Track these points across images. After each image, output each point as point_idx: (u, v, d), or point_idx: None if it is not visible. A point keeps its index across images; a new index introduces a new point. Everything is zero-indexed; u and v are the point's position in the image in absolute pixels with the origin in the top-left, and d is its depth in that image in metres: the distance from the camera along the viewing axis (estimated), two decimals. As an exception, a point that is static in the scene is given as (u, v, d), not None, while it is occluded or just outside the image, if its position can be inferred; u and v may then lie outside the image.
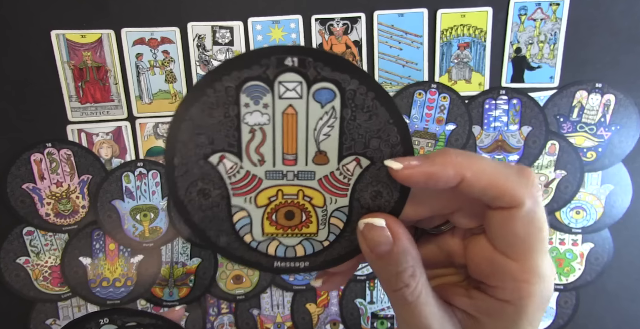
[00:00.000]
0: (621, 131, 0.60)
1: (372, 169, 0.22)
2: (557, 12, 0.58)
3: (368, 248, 0.21)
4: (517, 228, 0.20)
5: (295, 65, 0.20)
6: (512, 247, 0.21)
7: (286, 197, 0.23)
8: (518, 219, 0.20)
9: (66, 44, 0.57)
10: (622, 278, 0.62)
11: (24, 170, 0.57)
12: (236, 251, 0.23)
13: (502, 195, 0.20)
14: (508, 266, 0.21)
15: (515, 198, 0.20)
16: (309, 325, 0.63)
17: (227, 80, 0.21)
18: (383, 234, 0.21)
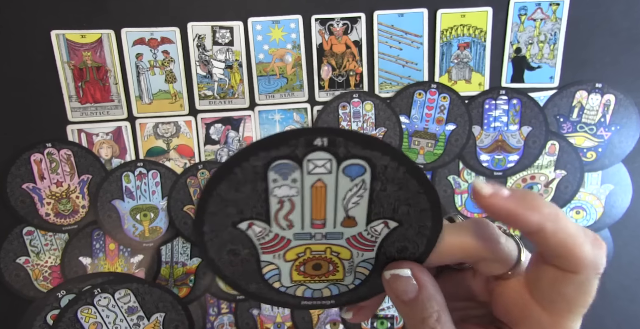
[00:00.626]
0: (621, 131, 0.60)
1: (400, 229, 0.23)
2: (557, 12, 0.58)
3: (393, 297, 0.22)
4: (567, 291, 0.20)
5: (325, 145, 0.20)
6: (552, 303, 0.21)
7: (314, 253, 0.24)
8: (572, 283, 0.20)
9: (66, 44, 0.57)
10: (622, 278, 0.62)
11: (24, 170, 0.57)
12: (265, 294, 0.25)
13: (570, 259, 0.20)
14: (541, 318, 0.21)
15: (576, 266, 0.20)
16: (309, 325, 0.63)
17: (254, 160, 0.21)
18: (409, 282, 0.21)
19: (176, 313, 0.36)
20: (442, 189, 0.62)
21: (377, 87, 0.60)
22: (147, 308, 0.32)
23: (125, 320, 0.30)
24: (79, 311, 0.29)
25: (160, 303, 0.33)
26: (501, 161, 0.61)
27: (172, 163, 0.60)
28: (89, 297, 0.27)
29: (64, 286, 0.32)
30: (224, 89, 0.59)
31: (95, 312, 0.30)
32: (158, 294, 0.34)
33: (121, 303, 0.29)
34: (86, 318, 0.29)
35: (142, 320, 0.30)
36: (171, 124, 0.59)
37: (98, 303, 0.29)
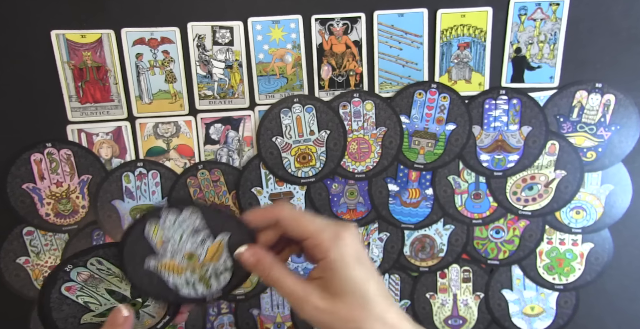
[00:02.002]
0: (621, 131, 0.60)
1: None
2: (557, 12, 0.58)
3: (245, 264, 0.39)
4: (327, 270, 0.36)
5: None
6: (301, 236, 0.38)
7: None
8: (326, 264, 0.36)
9: (66, 44, 0.57)
10: (622, 278, 0.62)
11: (24, 170, 0.57)
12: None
13: (315, 247, 0.37)
14: (307, 244, 0.38)
15: (320, 253, 0.37)
16: (309, 325, 0.63)
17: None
18: (248, 254, 0.38)
19: None
20: (442, 189, 0.62)
21: (377, 87, 0.60)
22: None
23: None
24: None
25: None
26: (501, 161, 0.61)
27: (172, 163, 0.60)
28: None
29: (70, 261, 0.37)
30: (224, 89, 0.59)
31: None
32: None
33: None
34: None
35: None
36: (171, 124, 0.59)
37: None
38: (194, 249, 0.39)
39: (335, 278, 0.35)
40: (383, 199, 0.62)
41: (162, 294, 0.39)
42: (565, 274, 0.62)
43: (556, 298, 0.63)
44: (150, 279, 0.38)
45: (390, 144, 0.61)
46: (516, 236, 0.62)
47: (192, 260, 0.39)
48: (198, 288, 0.39)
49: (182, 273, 0.39)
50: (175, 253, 0.39)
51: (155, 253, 0.38)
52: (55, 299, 0.38)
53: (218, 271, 0.40)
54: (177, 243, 0.39)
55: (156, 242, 0.38)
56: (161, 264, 0.39)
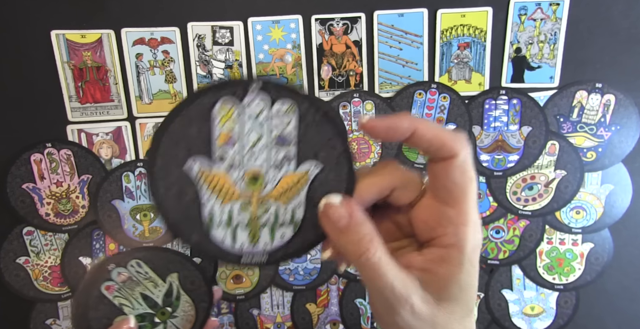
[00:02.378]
0: (621, 131, 0.60)
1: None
2: (557, 12, 0.58)
3: (330, 225, 0.26)
4: (455, 175, 0.25)
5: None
6: (450, 193, 0.26)
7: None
8: (455, 167, 0.25)
9: (66, 44, 0.57)
10: (622, 278, 0.62)
11: (24, 170, 0.57)
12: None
13: (444, 145, 0.25)
14: (448, 212, 0.26)
15: (453, 149, 0.25)
16: (309, 325, 0.63)
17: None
18: (341, 209, 0.25)
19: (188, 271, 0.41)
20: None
21: (377, 87, 0.60)
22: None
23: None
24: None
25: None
26: (501, 161, 0.61)
27: (172, 163, 0.60)
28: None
29: (112, 260, 0.36)
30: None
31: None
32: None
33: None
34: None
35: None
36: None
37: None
38: (265, 170, 0.26)
39: (451, 277, 0.25)
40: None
41: (184, 224, 0.26)
42: (565, 274, 0.62)
43: (556, 298, 0.63)
44: (179, 190, 0.26)
45: (390, 144, 0.61)
46: (516, 236, 0.62)
47: (253, 186, 0.26)
48: (239, 236, 0.27)
49: (229, 202, 0.26)
50: (237, 164, 0.26)
51: (206, 153, 0.26)
52: (95, 298, 0.36)
53: (279, 221, 0.27)
54: (247, 149, 0.26)
55: (219, 134, 0.25)
56: (207, 173, 0.26)
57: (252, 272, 0.62)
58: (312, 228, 0.27)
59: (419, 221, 0.28)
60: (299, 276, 0.62)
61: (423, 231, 0.27)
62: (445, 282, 0.25)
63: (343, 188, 0.26)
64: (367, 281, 0.25)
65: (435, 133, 0.25)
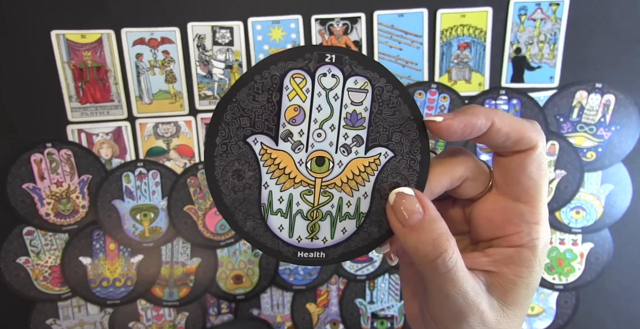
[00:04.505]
0: (621, 131, 0.60)
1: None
2: (557, 12, 0.58)
3: (400, 221, 0.23)
4: (532, 169, 0.23)
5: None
6: (525, 189, 0.23)
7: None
8: (533, 160, 0.23)
9: (66, 44, 0.57)
10: (622, 278, 0.62)
11: (24, 170, 0.57)
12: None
13: (522, 137, 0.23)
14: (521, 210, 0.24)
15: (532, 140, 0.23)
16: (309, 325, 0.63)
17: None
18: (414, 202, 0.22)
19: None
20: (442, 189, 0.62)
21: (377, 87, 0.60)
22: None
23: None
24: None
25: None
26: (501, 161, 0.61)
27: (172, 163, 0.60)
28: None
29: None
30: (224, 89, 0.59)
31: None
32: None
33: None
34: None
35: None
36: (171, 124, 0.59)
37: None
38: (332, 152, 0.24)
39: (521, 280, 0.23)
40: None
41: (239, 207, 0.24)
42: (565, 274, 0.62)
43: (556, 298, 0.63)
44: (238, 169, 0.23)
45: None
46: (516, 236, 0.62)
47: (318, 169, 0.24)
48: (297, 227, 0.24)
49: (290, 187, 0.24)
50: (303, 143, 0.23)
51: (271, 128, 0.23)
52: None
53: (341, 212, 0.24)
54: (315, 128, 0.23)
55: (286, 109, 0.23)
56: (270, 152, 0.23)
57: (253, 272, 0.62)
58: (377, 223, 0.24)
59: (482, 218, 0.25)
60: (299, 276, 0.62)
61: (485, 229, 0.25)
62: (514, 285, 0.23)
63: (414, 180, 0.24)
64: (436, 286, 0.23)
65: (512, 125, 0.23)
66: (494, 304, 0.23)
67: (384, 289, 0.62)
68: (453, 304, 0.22)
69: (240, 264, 0.61)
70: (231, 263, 0.61)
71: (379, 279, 0.62)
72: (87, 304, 0.60)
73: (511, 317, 0.24)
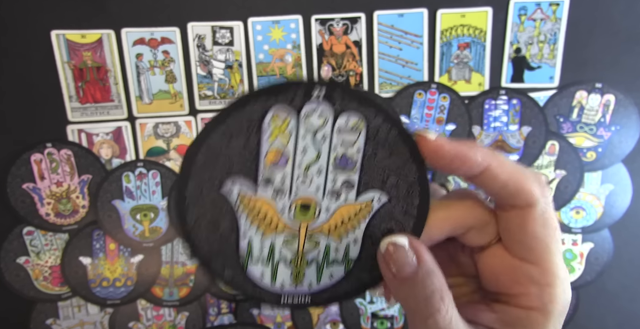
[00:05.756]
0: (621, 131, 0.60)
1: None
2: (557, 12, 0.58)
3: (391, 272, 0.20)
4: (535, 228, 0.20)
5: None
6: (530, 250, 0.21)
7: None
8: (534, 218, 0.20)
9: (66, 44, 0.57)
10: (622, 278, 0.62)
11: (24, 170, 0.57)
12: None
13: (520, 191, 0.20)
14: (529, 271, 0.21)
15: (531, 196, 0.20)
16: (309, 325, 0.63)
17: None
18: (408, 254, 0.20)
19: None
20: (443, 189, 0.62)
21: (377, 87, 0.60)
22: None
23: None
24: None
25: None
26: (501, 161, 0.61)
27: (172, 163, 0.60)
28: None
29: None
30: (224, 89, 0.59)
31: None
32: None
33: None
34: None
35: None
36: (171, 124, 0.59)
37: None
38: (319, 197, 0.22)
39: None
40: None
41: (217, 258, 0.22)
42: (565, 274, 0.62)
43: (556, 298, 0.63)
44: (214, 218, 0.21)
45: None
46: (516, 236, 0.62)
47: (303, 216, 0.22)
48: (280, 274, 0.22)
49: (272, 234, 0.22)
50: (286, 189, 0.21)
51: (250, 173, 0.21)
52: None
53: (329, 258, 0.22)
54: (300, 172, 0.21)
55: (267, 152, 0.21)
56: (249, 198, 0.21)
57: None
58: (368, 270, 0.22)
59: (488, 272, 0.23)
60: (299, 276, 0.62)
61: (493, 283, 0.23)
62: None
63: (410, 225, 0.22)
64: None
65: (511, 174, 0.20)
66: None
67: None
68: None
69: (240, 264, 0.61)
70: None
71: (379, 279, 0.62)
72: (87, 304, 0.60)
73: None
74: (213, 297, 0.62)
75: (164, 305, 0.61)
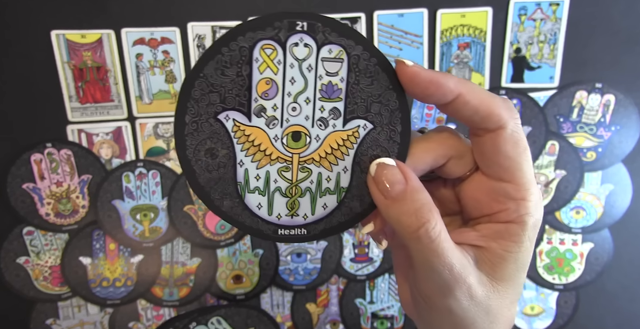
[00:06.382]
0: (621, 131, 0.60)
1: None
2: (557, 12, 0.58)
3: (381, 192, 0.22)
4: (507, 148, 0.22)
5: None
6: (505, 169, 0.23)
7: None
8: (505, 139, 0.22)
9: (66, 44, 0.57)
10: (622, 278, 0.62)
11: (24, 170, 0.57)
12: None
13: (491, 115, 0.22)
14: (505, 189, 0.23)
15: (501, 118, 0.22)
16: (309, 325, 0.63)
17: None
18: (396, 172, 0.22)
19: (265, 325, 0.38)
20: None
21: (377, 87, 0.60)
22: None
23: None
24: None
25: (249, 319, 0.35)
26: (501, 161, 0.61)
27: (172, 163, 0.60)
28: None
29: (193, 317, 0.33)
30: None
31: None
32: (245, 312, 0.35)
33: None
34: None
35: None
36: (171, 124, 0.59)
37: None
38: (308, 126, 0.23)
39: (510, 255, 0.23)
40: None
41: (215, 187, 0.23)
42: (565, 274, 0.62)
43: (556, 298, 0.63)
44: (211, 148, 0.22)
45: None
46: (516, 236, 0.62)
47: (294, 145, 0.23)
48: (276, 204, 0.23)
49: (267, 164, 0.23)
50: (277, 118, 0.22)
51: (242, 104, 0.22)
52: None
53: (321, 188, 0.23)
54: (289, 101, 0.22)
55: (257, 82, 0.22)
56: (243, 128, 0.22)
57: (253, 272, 0.62)
58: (359, 198, 0.23)
59: (470, 198, 0.25)
60: (299, 276, 0.62)
61: (475, 208, 0.25)
62: (502, 260, 0.23)
63: (395, 151, 0.23)
64: (421, 259, 0.22)
65: (482, 100, 0.22)
66: (482, 279, 0.23)
67: (384, 289, 0.62)
68: (439, 277, 0.22)
69: (240, 264, 0.61)
70: (231, 262, 0.61)
71: (379, 279, 0.62)
72: (87, 304, 0.60)
73: (502, 293, 0.23)
74: (213, 297, 0.62)
75: (164, 305, 0.61)
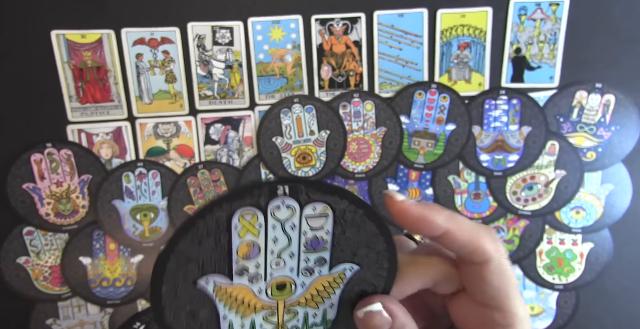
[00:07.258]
0: (621, 131, 0.60)
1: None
2: (557, 12, 0.58)
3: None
4: (493, 280, 0.23)
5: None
6: (491, 298, 0.23)
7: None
8: (491, 271, 0.23)
9: (66, 44, 0.57)
10: (622, 278, 0.62)
11: (24, 170, 0.57)
12: None
13: (477, 250, 0.23)
14: (492, 315, 0.24)
15: (486, 253, 0.23)
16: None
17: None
18: (382, 316, 0.23)
19: None
20: (442, 189, 0.62)
21: (377, 87, 0.60)
22: None
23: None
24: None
25: None
26: (501, 161, 0.61)
27: (172, 163, 0.60)
28: None
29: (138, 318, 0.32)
30: (224, 89, 0.59)
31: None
32: None
33: None
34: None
35: None
36: (171, 124, 0.59)
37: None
38: (293, 277, 0.23)
39: None
40: (383, 199, 0.62)
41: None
42: (565, 274, 0.62)
43: (556, 298, 0.63)
44: (192, 310, 0.22)
45: (390, 144, 0.61)
46: (516, 236, 0.62)
47: (280, 294, 0.23)
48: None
49: (251, 314, 0.23)
50: (260, 276, 0.22)
51: (223, 270, 0.22)
52: None
53: (308, 324, 0.24)
54: (272, 258, 0.22)
55: (239, 247, 0.22)
56: (225, 288, 0.22)
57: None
58: (346, 327, 0.24)
59: (456, 316, 0.26)
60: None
61: (464, 325, 0.25)
62: None
63: (382, 286, 0.24)
64: None
65: (468, 236, 0.23)
66: None
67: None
68: None
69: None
70: None
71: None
72: (87, 304, 0.60)
73: None
74: (213, 297, 0.62)
75: (164, 305, 0.61)
